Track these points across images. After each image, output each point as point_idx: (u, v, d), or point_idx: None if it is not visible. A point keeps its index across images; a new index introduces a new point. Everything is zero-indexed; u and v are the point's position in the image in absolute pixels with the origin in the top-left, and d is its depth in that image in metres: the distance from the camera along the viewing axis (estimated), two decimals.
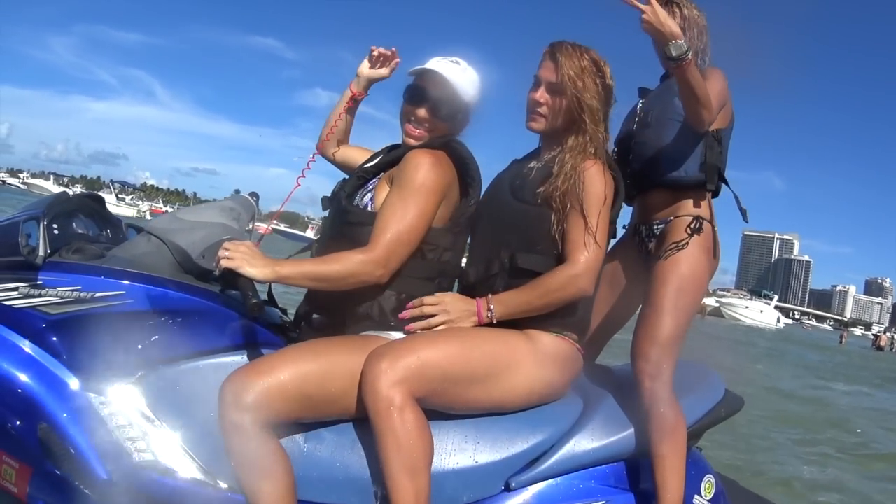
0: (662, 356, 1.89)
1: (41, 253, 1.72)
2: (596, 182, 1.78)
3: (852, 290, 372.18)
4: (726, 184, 2.12)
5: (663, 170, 2.07)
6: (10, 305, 1.68)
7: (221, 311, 1.77)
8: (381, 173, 1.92)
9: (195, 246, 1.76)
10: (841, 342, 44.93)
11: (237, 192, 2.06)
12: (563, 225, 1.77)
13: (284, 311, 2.04)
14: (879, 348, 39.96)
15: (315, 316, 1.90)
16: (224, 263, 1.62)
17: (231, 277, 1.62)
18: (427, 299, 1.76)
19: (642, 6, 1.83)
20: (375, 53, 2.05)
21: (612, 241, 1.98)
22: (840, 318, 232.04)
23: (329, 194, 1.94)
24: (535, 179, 1.84)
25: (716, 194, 2.14)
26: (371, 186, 1.90)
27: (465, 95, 1.89)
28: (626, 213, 2.26)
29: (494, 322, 1.76)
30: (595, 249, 1.74)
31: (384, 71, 2.07)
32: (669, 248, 2.00)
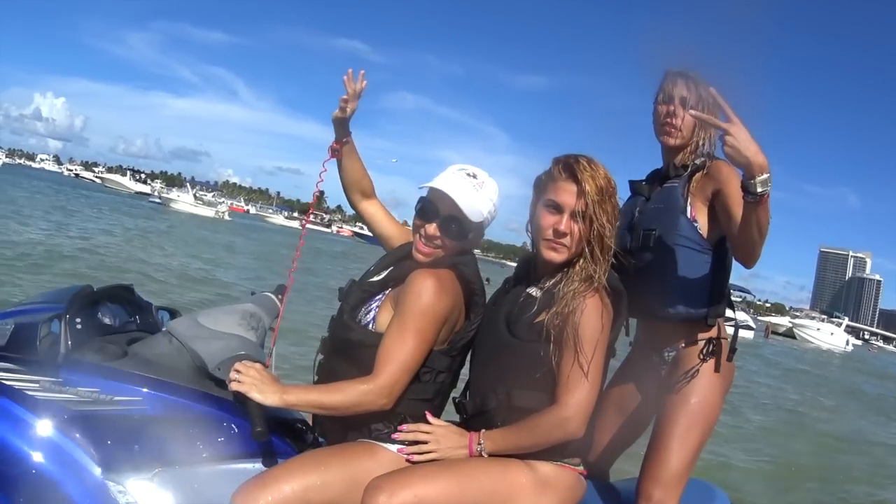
0: (666, 495, 1.82)
1: (62, 350, 1.75)
2: (593, 318, 1.67)
3: None
4: (731, 306, 1.98)
5: (671, 305, 1.90)
6: (34, 395, 1.69)
7: (236, 420, 1.76)
8: (388, 289, 1.87)
9: (212, 357, 1.75)
10: None
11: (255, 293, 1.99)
12: (557, 359, 1.68)
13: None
14: None
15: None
16: (233, 387, 1.66)
17: (241, 398, 1.65)
18: (423, 427, 1.75)
19: (724, 125, 1.57)
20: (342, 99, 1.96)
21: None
22: None
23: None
24: (534, 312, 1.72)
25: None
26: (375, 304, 1.85)
27: (477, 217, 1.77)
28: None
29: (485, 457, 1.72)
30: (587, 389, 1.65)
31: (352, 106, 1.97)
32: (680, 380, 1.89)
